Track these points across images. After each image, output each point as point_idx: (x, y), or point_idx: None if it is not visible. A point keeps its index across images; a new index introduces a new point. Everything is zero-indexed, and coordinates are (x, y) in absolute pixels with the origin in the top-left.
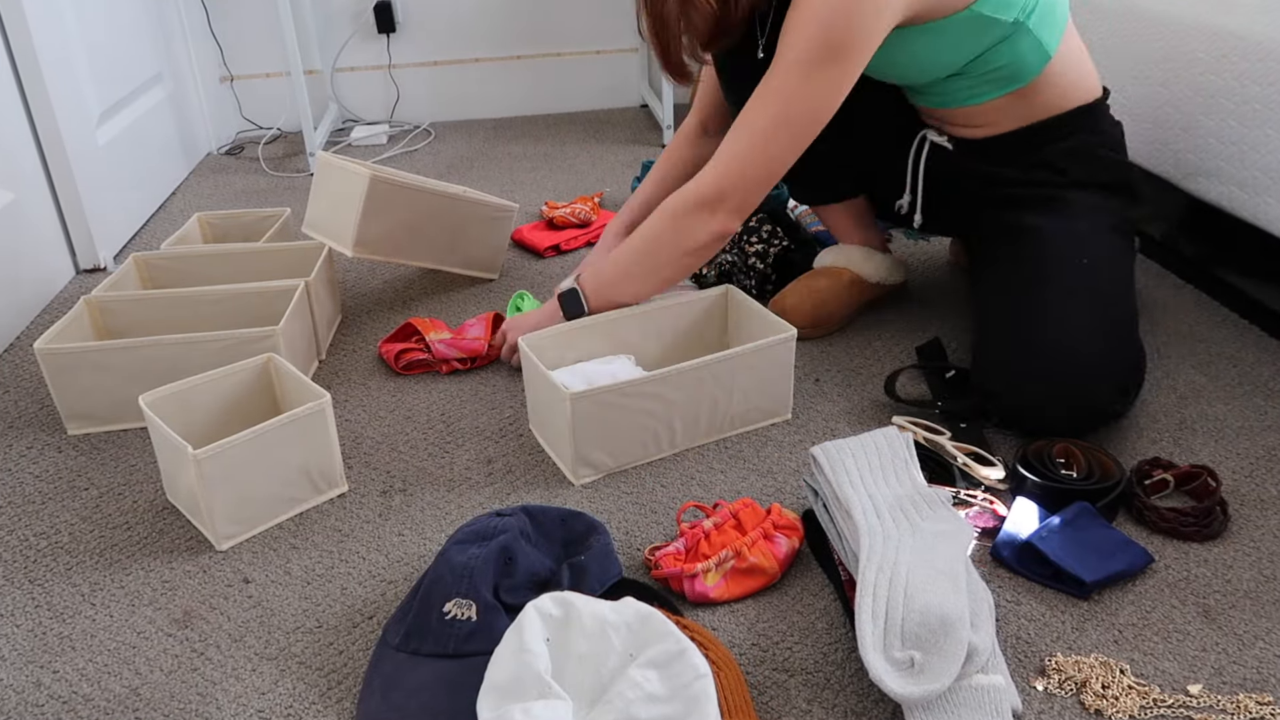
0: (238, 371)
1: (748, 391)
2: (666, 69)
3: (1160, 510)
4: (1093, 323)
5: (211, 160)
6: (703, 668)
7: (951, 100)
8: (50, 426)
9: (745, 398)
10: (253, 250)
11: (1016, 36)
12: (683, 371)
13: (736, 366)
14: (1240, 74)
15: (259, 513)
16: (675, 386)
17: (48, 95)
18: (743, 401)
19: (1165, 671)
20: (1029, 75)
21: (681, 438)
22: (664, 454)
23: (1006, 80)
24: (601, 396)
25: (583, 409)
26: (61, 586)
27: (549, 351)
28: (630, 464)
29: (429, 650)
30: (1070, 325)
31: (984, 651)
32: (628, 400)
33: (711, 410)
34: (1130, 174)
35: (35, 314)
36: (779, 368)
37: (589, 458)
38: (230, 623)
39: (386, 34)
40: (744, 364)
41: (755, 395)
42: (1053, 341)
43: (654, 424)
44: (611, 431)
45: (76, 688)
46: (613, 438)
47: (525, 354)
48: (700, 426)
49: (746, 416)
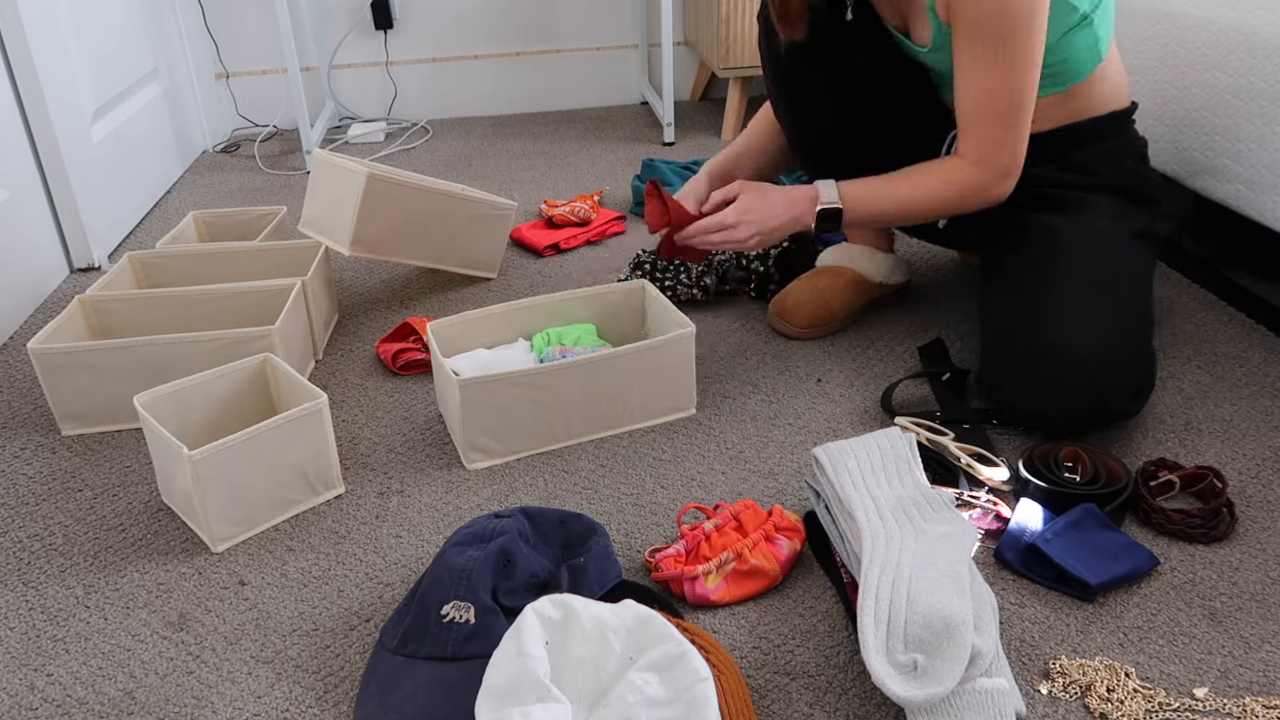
0: (233, 372)
1: (646, 387)
2: (781, 18)
3: (1166, 512)
4: (1110, 323)
5: (207, 158)
6: (703, 671)
7: None
8: (44, 427)
9: (644, 393)
10: (248, 249)
11: (1080, 30)
12: (574, 365)
13: (632, 362)
14: (1247, 70)
15: (255, 514)
16: (567, 379)
17: (41, 91)
18: (641, 396)
19: (1171, 675)
20: (1079, 76)
21: (576, 429)
22: (558, 444)
23: (1057, 78)
24: (491, 385)
25: (471, 395)
26: (55, 589)
27: (455, 340)
28: (523, 452)
29: (427, 653)
30: (1086, 324)
31: (987, 655)
32: (518, 389)
33: (610, 404)
34: (1155, 186)
35: (29, 313)
36: (679, 363)
37: (477, 443)
38: (226, 625)
39: (384, 30)
40: (640, 360)
41: (656, 391)
42: (1068, 340)
43: (545, 414)
44: (501, 419)
45: (70, 691)
46: (502, 425)
47: (431, 340)
48: (597, 420)
49: (646, 410)
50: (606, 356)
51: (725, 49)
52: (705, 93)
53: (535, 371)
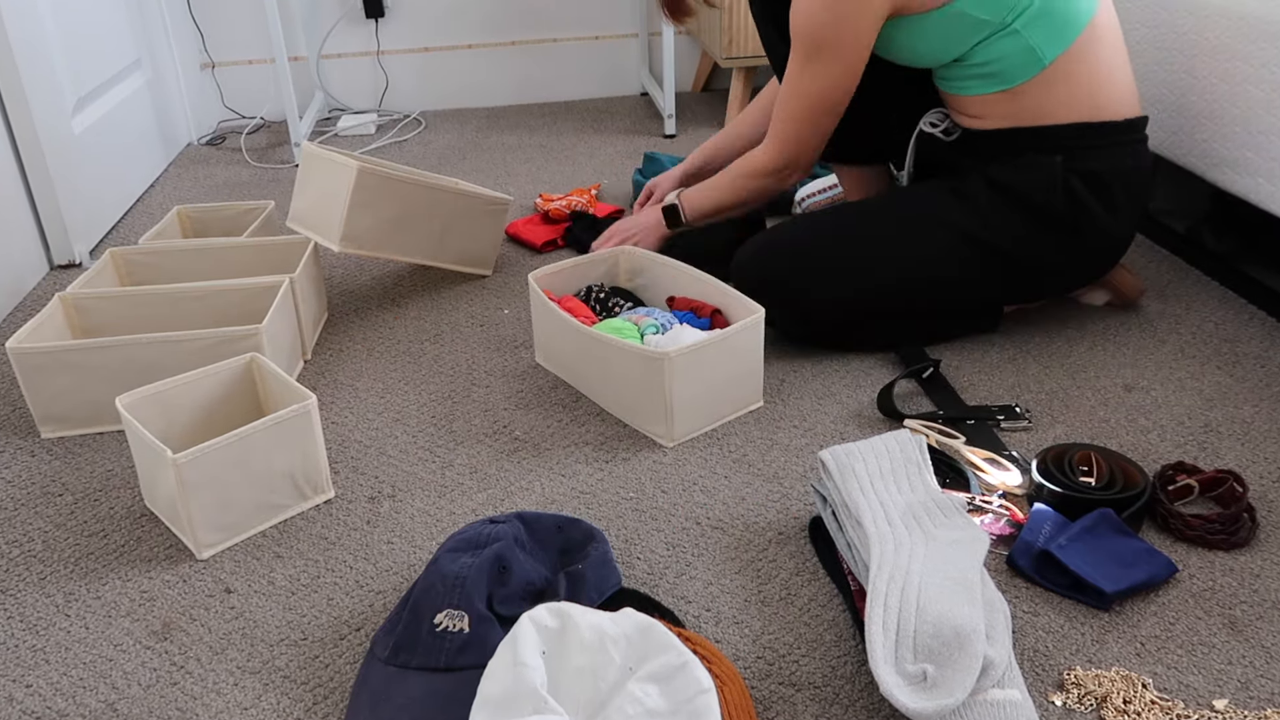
0: (219, 372)
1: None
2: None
3: (1185, 517)
4: (813, 237)
5: (192, 151)
6: (705, 682)
7: (949, 87)
8: (23, 429)
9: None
10: (235, 245)
11: (1002, 37)
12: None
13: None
14: (1268, 60)
15: (241, 520)
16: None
17: (20, 81)
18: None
19: (1190, 686)
20: (1017, 78)
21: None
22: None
23: (993, 78)
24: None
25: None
26: (35, 597)
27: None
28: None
29: (419, 663)
30: (809, 236)
31: (1000, 665)
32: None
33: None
34: (1079, 222)
35: (7, 312)
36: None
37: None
38: (211, 635)
39: (375, 19)
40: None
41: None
42: (788, 239)
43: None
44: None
45: (51, 702)
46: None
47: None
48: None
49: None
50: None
51: (728, 38)
52: (708, 83)
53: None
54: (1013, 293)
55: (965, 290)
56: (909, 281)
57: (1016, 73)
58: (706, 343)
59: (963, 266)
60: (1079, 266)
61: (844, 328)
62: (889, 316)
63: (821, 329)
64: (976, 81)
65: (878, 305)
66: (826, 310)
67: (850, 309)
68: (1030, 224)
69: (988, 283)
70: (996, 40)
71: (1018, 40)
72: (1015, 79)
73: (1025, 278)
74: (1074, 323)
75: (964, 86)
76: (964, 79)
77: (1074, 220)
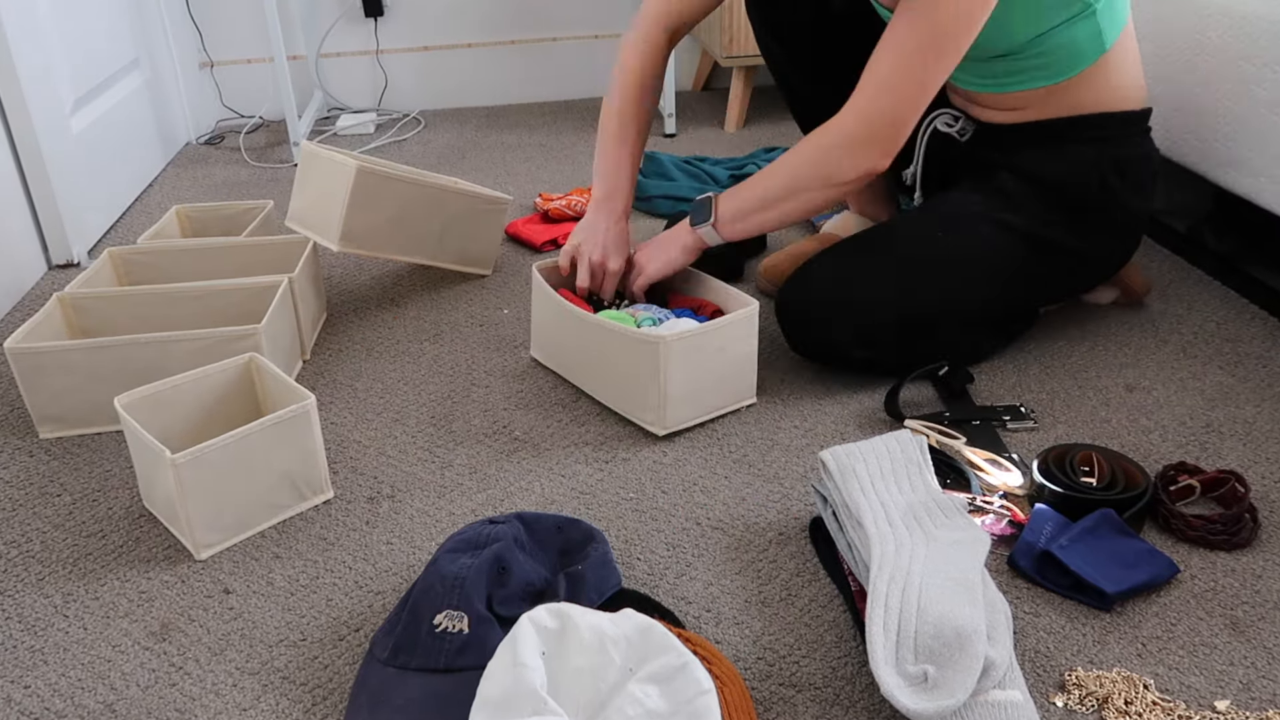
0: (218, 372)
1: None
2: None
3: (1186, 517)
4: (884, 280)
5: (190, 150)
6: (706, 683)
7: (985, 85)
8: (21, 429)
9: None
10: (234, 245)
11: (1081, 19)
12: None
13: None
14: (1270, 59)
15: (240, 520)
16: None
17: (18, 81)
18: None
19: (1191, 687)
20: (1078, 67)
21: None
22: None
23: (1053, 68)
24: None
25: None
26: (33, 597)
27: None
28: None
29: (418, 665)
30: (860, 275)
31: (1001, 666)
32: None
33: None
34: (1111, 213)
35: (5, 311)
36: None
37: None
38: (210, 635)
39: (374, 18)
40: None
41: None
42: (838, 278)
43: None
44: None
45: (49, 703)
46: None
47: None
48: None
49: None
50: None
51: (729, 37)
52: (708, 83)
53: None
54: (1062, 286)
55: (1021, 290)
56: (961, 292)
57: (1079, 61)
58: (702, 331)
59: (1022, 265)
60: (1116, 252)
61: (905, 355)
62: (943, 335)
63: (883, 364)
64: (1033, 74)
65: (935, 322)
66: (889, 353)
67: (911, 342)
68: (1070, 213)
69: (1044, 280)
70: (1076, 22)
71: (1092, 24)
72: (1076, 68)
73: (1079, 268)
74: (1075, 323)
75: (1015, 82)
76: (1019, 71)
77: (1105, 204)
